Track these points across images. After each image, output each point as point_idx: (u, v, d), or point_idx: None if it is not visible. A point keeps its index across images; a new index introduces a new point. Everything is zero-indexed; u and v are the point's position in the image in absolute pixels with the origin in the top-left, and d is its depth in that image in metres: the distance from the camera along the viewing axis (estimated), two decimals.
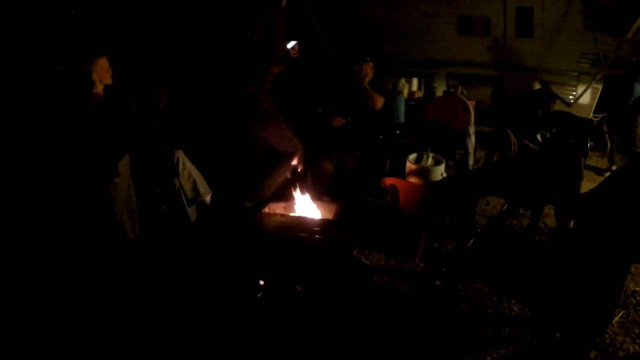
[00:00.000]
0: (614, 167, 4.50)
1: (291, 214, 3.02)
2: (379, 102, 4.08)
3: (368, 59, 4.17)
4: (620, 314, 2.53)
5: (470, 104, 4.16)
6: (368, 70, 4.17)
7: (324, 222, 2.84)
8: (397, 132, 4.58)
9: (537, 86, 5.61)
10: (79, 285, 2.83)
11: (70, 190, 3.11)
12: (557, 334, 2.16)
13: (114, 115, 3.02)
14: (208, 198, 3.60)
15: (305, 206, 3.07)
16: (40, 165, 3.20)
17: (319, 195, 3.14)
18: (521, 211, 3.66)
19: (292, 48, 3.33)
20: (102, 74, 2.97)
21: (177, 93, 4.50)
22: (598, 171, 4.81)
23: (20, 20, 3.78)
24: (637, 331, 2.42)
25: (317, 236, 2.61)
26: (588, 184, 3.34)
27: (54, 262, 3.03)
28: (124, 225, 3.20)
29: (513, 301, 2.62)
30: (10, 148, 3.32)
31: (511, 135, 3.22)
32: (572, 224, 3.03)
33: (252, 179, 3.47)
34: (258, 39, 3.12)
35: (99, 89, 3.00)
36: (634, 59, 4.44)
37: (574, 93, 5.58)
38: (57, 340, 2.39)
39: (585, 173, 3.34)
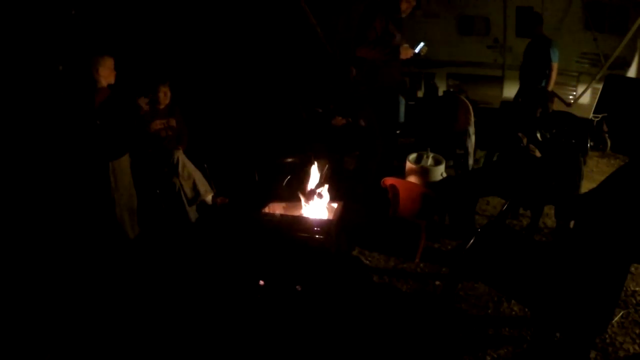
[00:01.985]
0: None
1: (291, 214, 3.02)
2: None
3: None
4: (620, 314, 2.53)
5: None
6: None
7: (324, 222, 2.84)
8: (397, 132, 4.57)
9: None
10: (79, 285, 2.83)
11: (72, 188, 3.12)
12: (557, 334, 2.16)
13: (119, 113, 3.04)
14: (209, 198, 3.60)
15: (306, 206, 3.07)
16: (43, 164, 3.20)
17: (319, 196, 3.13)
18: (521, 211, 3.66)
19: (421, 50, 3.64)
20: (107, 73, 3.03)
21: (193, 92, 4.54)
22: None
23: (20, 20, 3.78)
24: (637, 331, 2.42)
25: (317, 236, 2.60)
26: (588, 184, 3.34)
27: (55, 261, 3.03)
28: (124, 225, 3.21)
29: (513, 301, 2.62)
30: (12, 147, 3.32)
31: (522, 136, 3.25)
32: (572, 224, 3.03)
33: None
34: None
35: (104, 87, 3.03)
36: (540, 34, 4.59)
37: (574, 93, 5.58)
38: (57, 340, 2.39)
39: (585, 173, 3.34)
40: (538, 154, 3.28)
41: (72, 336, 2.43)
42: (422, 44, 3.68)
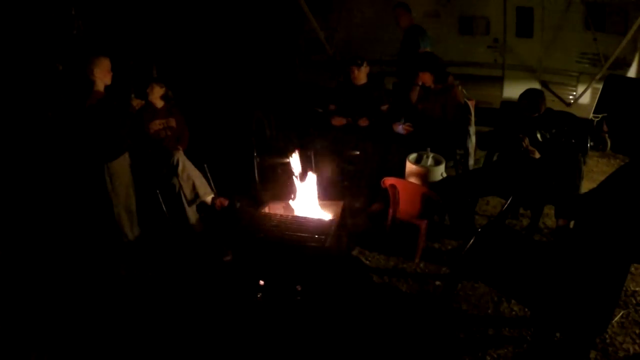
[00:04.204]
0: None
1: (291, 214, 3.02)
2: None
3: (359, 61, 4.18)
4: (620, 314, 2.53)
5: (470, 104, 4.15)
6: (363, 74, 4.20)
7: (324, 222, 2.83)
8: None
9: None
10: (79, 285, 2.83)
11: (70, 189, 3.12)
12: (557, 334, 2.16)
13: (115, 113, 3.04)
14: (209, 199, 3.59)
15: (306, 206, 3.07)
16: (40, 164, 3.20)
17: (319, 196, 3.13)
18: (521, 211, 3.66)
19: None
20: (104, 74, 3.02)
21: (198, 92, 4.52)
22: None
23: (20, 20, 3.79)
24: (637, 331, 2.42)
25: (317, 236, 2.60)
26: (588, 184, 3.34)
27: (54, 262, 3.03)
28: (123, 226, 3.20)
29: (513, 301, 2.62)
30: (10, 147, 3.32)
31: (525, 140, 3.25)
32: (572, 224, 3.03)
33: None
34: None
35: (100, 88, 3.03)
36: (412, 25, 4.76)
37: (574, 93, 5.57)
38: (57, 340, 2.39)
39: (585, 173, 3.34)
40: (537, 155, 3.27)
41: (72, 336, 2.43)
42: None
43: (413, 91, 4.20)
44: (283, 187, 3.45)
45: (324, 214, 3.04)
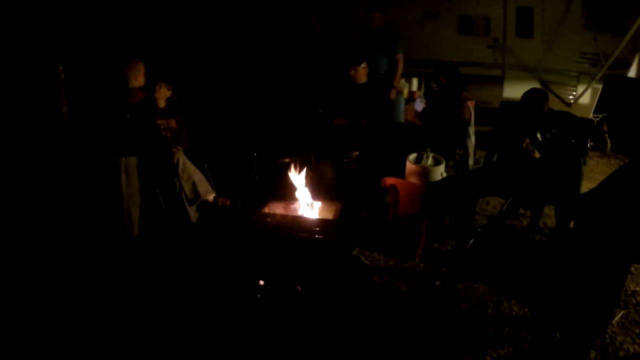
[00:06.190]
0: None
1: (291, 214, 3.02)
2: None
3: (358, 61, 4.21)
4: (620, 314, 2.53)
5: (470, 104, 4.16)
6: (362, 74, 4.22)
7: (324, 222, 2.84)
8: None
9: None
10: (80, 284, 2.83)
11: (83, 185, 3.15)
12: (557, 334, 2.16)
13: (148, 113, 3.35)
14: (210, 198, 3.59)
15: (306, 206, 3.07)
16: (56, 161, 3.24)
17: (319, 196, 3.14)
18: (521, 211, 3.66)
19: None
20: (141, 76, 3.36)
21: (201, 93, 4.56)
22: None
23: (20, 20, 3.78)
24: (637, 331, 2.42)
25: (317, 236, 2.61)
26: (588, 184, 3.34)
27: (56, 260, 3.03)
28: (132, 221, 3.22)
29: (513, 301, 2.62)
30: (23, 147, 3.35)
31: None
32: (572, 224, 3.03)
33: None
34: None
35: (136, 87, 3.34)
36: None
37: (574, 93, 5.57)
38: (57, 340, 2.39)
39: (585, 173, 3.34)
40: (537, 154, 3.27)
41: (72, 336, 2.43)
42: None
43: (391, 93, 4.62)
44: (283, 187, 3.45)
45: (324, 214, 3.04)
